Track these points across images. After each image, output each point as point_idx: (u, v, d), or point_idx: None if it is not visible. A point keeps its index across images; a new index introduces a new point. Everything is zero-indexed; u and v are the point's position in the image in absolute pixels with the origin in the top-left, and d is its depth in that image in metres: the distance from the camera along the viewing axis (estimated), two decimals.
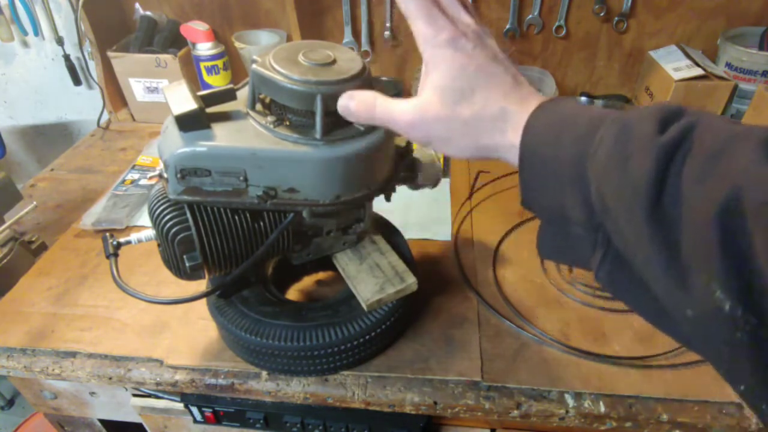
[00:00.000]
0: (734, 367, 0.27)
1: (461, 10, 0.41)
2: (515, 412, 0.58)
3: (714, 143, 0.28)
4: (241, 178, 0.48)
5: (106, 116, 1.22)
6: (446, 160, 1.00)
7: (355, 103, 0.43)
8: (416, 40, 0.40)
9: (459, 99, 0.38)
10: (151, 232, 0.55)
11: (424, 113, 0.40)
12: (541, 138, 0.36)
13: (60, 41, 1.31)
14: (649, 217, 0.29)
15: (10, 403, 1.73)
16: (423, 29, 0.39)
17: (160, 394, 0.74)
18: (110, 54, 1.12)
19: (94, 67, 1.19)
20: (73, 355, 0.65)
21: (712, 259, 0.26)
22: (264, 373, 0.61)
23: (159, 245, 0.54)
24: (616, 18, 1.11)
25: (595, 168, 0.32)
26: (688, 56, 1.05)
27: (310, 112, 0.48)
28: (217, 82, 1.15)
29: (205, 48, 1.10)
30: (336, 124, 0.50)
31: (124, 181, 0.97)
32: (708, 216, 0.26)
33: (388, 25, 1.17)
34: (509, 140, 0.37)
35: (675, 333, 0.32)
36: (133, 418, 0.79)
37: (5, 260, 0.76)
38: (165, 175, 0.48)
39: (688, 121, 0.29)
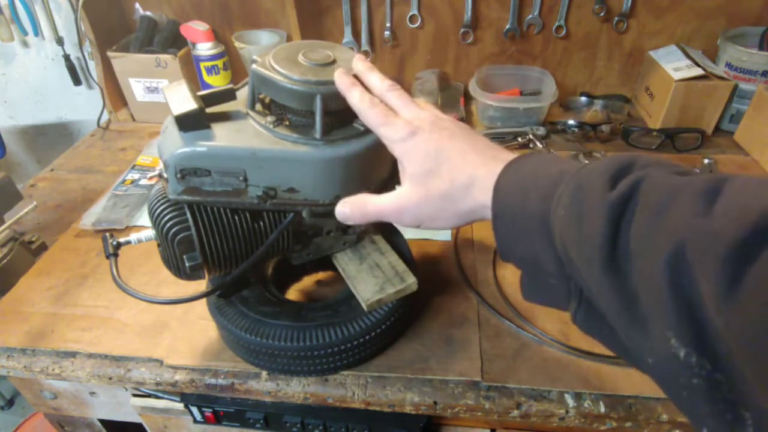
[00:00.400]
0: (695, 411, 0.28)
1: (412, 107, 0.46)
2: (515, 412, 0.58)
3: (658, 198, 0.30)
4: (241, 178, 0.48)
5: (106, 116, 1.22)
6: None
7: (349, 208, 0.48)
8: (385, 143, 0.45)
9: (430, 179, 0.43)
10: (151, 232, 0.55)
11: (406, 200, 0.44)
12: (510, 197, 0.38)
13: (60, 41, 1.31)
14: (605, 268, 0.31)
15: (10, 403, 1.73)
16: (386, 133, 0.44)
17: (160, 394, 0.74)
18: (110, 54, 1.12)
19: (94, 67, 1.19)
20: (73, 355, 0.65)
21: (665, 309, 0.27)
22: (264, 373, 0.61)
23: (159, 245, 0.54)
24: (616, 18, 1.11)
25: (557, 224, 0.34)
26: (688, 56, 1.05)
27: (310, 112, 0.48)
28: (217, 82, 1.15)
29: (205, 48, 1.10)
30: (336, 124, 0.50)
31: (124, 181, 0.97)
32: (657, 269, 0.28)
33: (388, 25, 1.17)
34: (482, 202, 0.41)
35: (645, 373, 0.33)
36: (133, 418, 0.79)
37: (5, 260, 0.77)
38: (165, 175, 0.48)
39: (636, 177, 0.32)
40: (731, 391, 0.26)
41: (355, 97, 0.46)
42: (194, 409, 0.69)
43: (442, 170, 0.42)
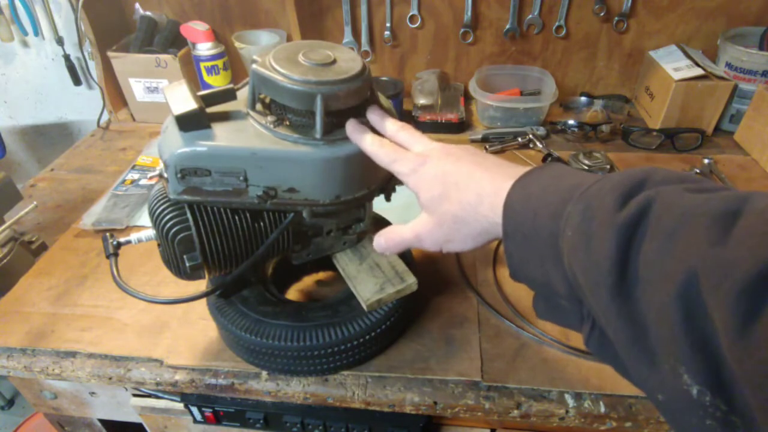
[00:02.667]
0: None
1: (422, 141, 0.47)
2: (515, 412, 0.58)
3: (670, 221, 0.28)
4: (241, 178, 0.48)
5: (106, 116, 1.22)
6: None
7: (384, 240, 0.49)
8: (400, 179, 0.47)
9: (441, 202, 0.43)
10: (151, 232, 0.55)
11: (422, 228, 0.46)
12: (520, 216, 0.37)
13: (60, 41, 1.31)
14: (613, 295, 0.29)
15: (10, 403, 1.73)
16: (398, 168, 0.46)
17: (160, 394, 0.74)
18: (110, 54, 1.12)
19: (94, 67, 1.18)
20: (73, 355, 0.65)
21: (677, 343, 0.25)
22: (264, 373, 0.61)
23: (159, 245, 0.54)
24: (616, 18, 1.11)
25: (566, 245, 0.33)
26: (688, 56, 1.05)
27: (310, 112, 0.48)
28: (217, 82, 1.15)
29: (205, 48, 1.10)
30: (336, 124, 0.50)
31: (124, 181, 0.97)
32: (668, 298, 0.26)
33: (388, 25, 1.17)
34: (492, 220, 0.40)
35: (657, 409, 0.32)
36: (133, 418, 0.79)
37: (5, 260, 0.76)
38: (165, 175, 0.48)
39: (647, 197, 0.29)
40: None
41: (367, 141, 0.48)
42: (194, 409, 0.69)
43: (450, 193, 0.42)
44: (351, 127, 0.49)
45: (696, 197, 0.28)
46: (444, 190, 0.43)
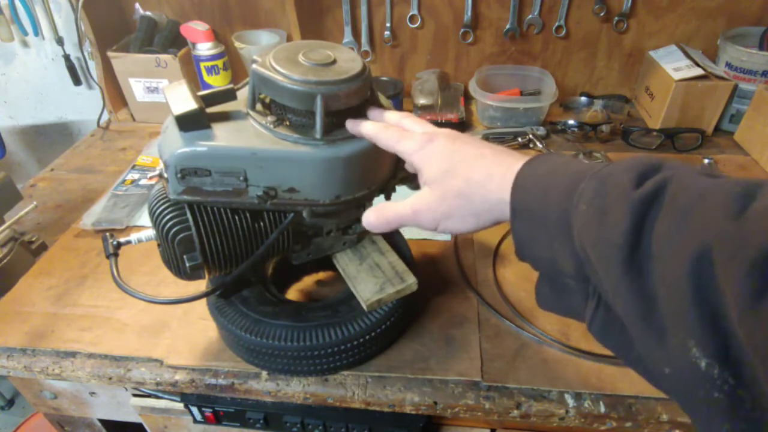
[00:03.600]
0: (713, 428, 0.26)
1: (427, 125, 0.47)
2: (515, 412, 0.58)
3: (686, 199, 0.28)
4: (241, 178, 0.48)
5: (106, 116, 1.22)
6: None
7: (374, 216, 0.48)
8: (404, 158, 0.47)
9: (447, 178, 0.42)
10: (151, 232, 0.55)
11: (422, 201, 0.44)
12: (530, 193, 0.37)
13: (60, 41, 1.31)
14: (625, 269, 0.29)
15: (10, 403, 1.73)
16: (403, 147, 0.46)
17: (160, 394, 0.74)
18: (110, 54, 1.12)
19: (94, 67, 1.19)
20: (73, 355, 0.65)
21: (686, 315, 0.26)
22: (264, 373, 0.61)
23: (159, 245, 0.54)
24: (616, 18, 1.11)
25: (578, 221, 0.33)
26: (688, 56, 1.05)
27: (310, 112, 0.48)
28: (217, 82, 1.15)
29: (205, 48, 1.10)
30: (336, 124, 0.50)
31: (124, 181, 0.97)
32: (680, 272, 0.26)
33: (388, 25, 1.17)
34: (499, 197, 0.40)
35: (660, 388, 0.32)
36: (133, 418, 0.79)
37: (5, 260, 0.77)
38: (165, 175, 0.48)
39: (663, 177, 0.30)
40: (754, 410, 0.24)
41: (367, 127, 0.48)
42: (194, 409, 0.69)
43: (458, 169, 0.42)
44: (351, 123, 0.49)
45: (712, 179, 0.29)
46: (451, 166, 0.42)
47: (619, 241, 0.29)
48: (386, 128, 0.47)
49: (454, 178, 0.42)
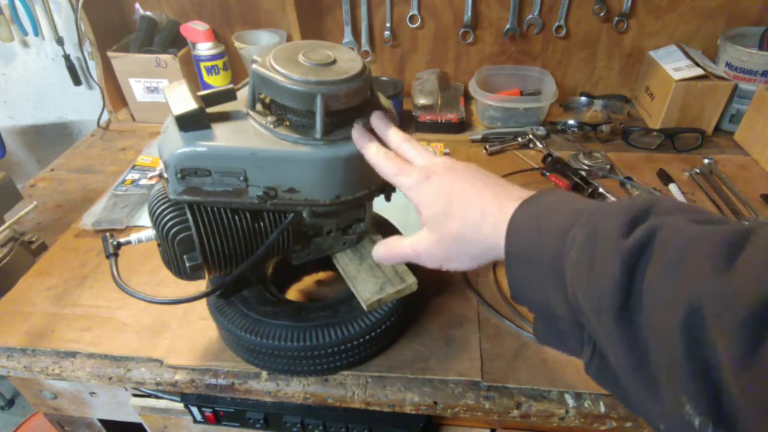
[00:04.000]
0: None
1: (427, 155, 0.47)
2: (515, 412, 0.58)
3: (676, 248, 0.28)
4: (241, 178, 0.48)
5: (106, 116, 1.22)
6: None
7: (383, 250, 0.49)
8: (402, 192, 0.46)
9: (443, 220, 0.42)
10: (151, 232, 0.55)
11: (421, 244, 0.45)
12: (524, 236, 0.37)
13: (60, 41, 1.31)
14: (616, 320, 0.29)
15: (10, 403, 1.73)
16: (401, 182, 0.45)
17: (160, 394, 0.74)
18: (110, 54, 1.12)
19: (94, 67, 1.19)
20: (73, 355, 0.65)
21: (679, 371, 0.25)
22: (264, 373, 0.61)
23: (159, 245, 0.54)
24: (616, 18, 1.11)
25: (570, 268, 0.33)
26: (688, 56, 1.05)
27: (310, 112, 0.48)
28: (217, 82, 1.15)
29: (205, 48, 1.10)
30: (336, 124, 0.50)
31: (124, 181, 0.97)
32: (671, 324, 0.26)
33: (388, 25, 1.17)
34: (494, 240, 0.39)
35: None
36: (133, 418, 0.79)
37: (5, 260, 0.76)
38: (165, 175, 0.48)
39: (653, 224, 0.30)
40: None
41: (371, 151, 0.47)
42: (194, 409, 0.69)
43: (453, 210, 0.42)
44: (357, 134, 0.49)
45: (701, 227, 0.28)
46: (446, 208, 0.42)
47: (610, 291, 0.29)
48: (387, 158, 0.47)
49: (450, 221, 0.42)
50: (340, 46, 0.51)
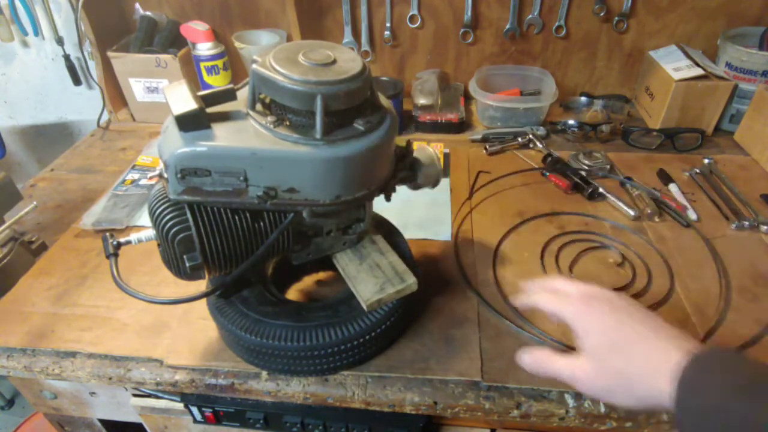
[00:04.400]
0: None
1: (585, 286, 0.49)
2: (515, 412, 0.58)
3: None
4: (241, 178, 0.48)
5: (106, 116, 1.22)
6: (446, 160, 1.00)
7: (531, 359, 0.49)
8: (564, 320, 0.48)
9: (608, 353, 0.43)
10: (151, 232, 0.55)
11: (581, 371, 0.45)
12: (696, 395, 0.37)
13: (60, 41, 1.31)
14: None
15: (10, 403, 1.73)
16: (565, 314, 0.47)
17: (160, 394, 0.74)
18: (110, 54, 1.12)
19: (94, 67, 1.19)
20: (73, 355, 0.65)
21: None
22: (264, 373, 0.61)
23: (159, 245, 0.54)
24: (616, 18, 1.11)
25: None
26: (688, 56, 1.05)
27: (310, 112, 0.48)
28: (217, 82, 1.15)
29: (205, 48, 1.10)
30: (336, 125, 0.50)
31: (124, 181, 0.97)
32: None
33: (388, 25, 1.17)
34: (661, 387, 0.39)
35: None
36: (133, 418, 0.79)
37: (5, 260, 0.76)
38: (165, 175, 0.48)
39: None
40: None
41: (541, 300, 0.50)
42: (194, 409, 0.69)
43: (619, 347, 0.43)
44: (525, 301, 0.52)
45: None
46: (612, 342, 0.43)
47: None
48: (550, 296, 0.49)
49: (615, 356, 0.43)
50: (340, 46, 0.51)
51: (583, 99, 1.19)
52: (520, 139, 1.05)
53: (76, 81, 1.38)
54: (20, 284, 0.75)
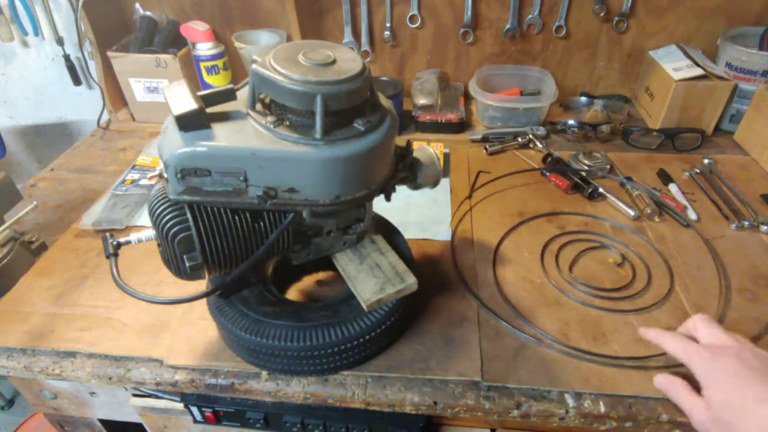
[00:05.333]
0: None
1: (717, 332, 0.52)
2: (515, 412, 0.58)
3: None
4: (241, 178, 0.48)
5: (106, 116, 1.22)
6: (446, 160, 1.00)
7: (667, 384, 0.54)
8: (692, 367, 0.51)
9: (723, 411, 0.46)
10: (151, 232, 0.55)
11: (698, 414, 0.49)
12: None
13: (60, 41, 1.31)
14: None
15: (10, 403, 1.73)
16: (692, 364, 0.50)
17: (160, 394, 0.74)
18: (110, 54, 1.12)
19: (94, 67, 1.19)
20: (73, 355, 0.65)
21: None
22: (264, 373, 0.61)
23: (159, 245, 0.54)
24: (616, 18, 1.11)
25: None
26: (688, 56, 1.05)
27: (310, 112, 0.48)
28: (217, 82, 1.15)
29: (205, 48, 1.10)
30: (336, 125, 0.50)
31: (124, 181, 0.97)
32: None
33: (388, 25, 1.17)
34: None
35: None
36: (133, 418, 0.79)
37: (5, 260, 0.76)
38: (165, 175, 0.48)
39: None
40: None
41: (668, 342, 0.54)
42: (194, 409, 0.69)
43: (733, 414, 0.45)
44: (649, 334, 0.57)
45: None
46: (730, 403, 0.46)
47: None
48: (674, 338, 0.53)
49: (729, 416, 0.45)
50: (340, 46, 0.51)
51: (583, 99, 1.19)
52: (520, 139, 1.05)
53: (76, 81, 1.38)
54: (20, 284, 0.75)
